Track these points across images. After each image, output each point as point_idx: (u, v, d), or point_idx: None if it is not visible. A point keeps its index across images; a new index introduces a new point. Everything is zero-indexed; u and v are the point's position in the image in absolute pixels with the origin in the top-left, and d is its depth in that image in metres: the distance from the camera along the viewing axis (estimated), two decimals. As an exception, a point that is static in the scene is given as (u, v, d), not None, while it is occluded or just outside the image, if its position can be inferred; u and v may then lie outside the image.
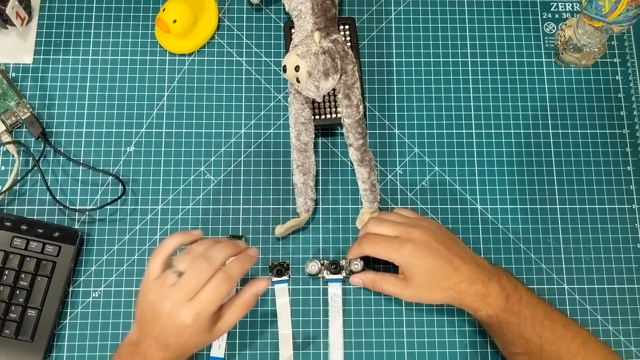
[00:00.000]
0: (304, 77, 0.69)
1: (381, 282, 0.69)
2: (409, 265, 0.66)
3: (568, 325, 0.66)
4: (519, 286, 0.67)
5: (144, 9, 0.83)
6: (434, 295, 0.66)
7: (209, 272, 0.60)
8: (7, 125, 0.76)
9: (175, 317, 0.59)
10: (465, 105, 0.80)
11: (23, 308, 0.71)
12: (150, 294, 0.60)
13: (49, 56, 0.80)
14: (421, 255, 0.65)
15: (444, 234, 0.68)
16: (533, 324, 0.64)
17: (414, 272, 0.66)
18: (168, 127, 0.79)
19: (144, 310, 0.61)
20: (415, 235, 0.66)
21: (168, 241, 0.63)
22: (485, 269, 0.66)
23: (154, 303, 0.60)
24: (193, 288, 0.59)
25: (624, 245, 0.76)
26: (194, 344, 0.62)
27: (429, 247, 0.65)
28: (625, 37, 0.83)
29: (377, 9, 0.83)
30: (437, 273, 0.65)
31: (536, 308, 0.65)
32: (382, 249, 0.67)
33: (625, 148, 0.80)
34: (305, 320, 0.73)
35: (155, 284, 0.61)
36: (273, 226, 0.75)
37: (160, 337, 0.60)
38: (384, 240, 0.67)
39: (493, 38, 0.83)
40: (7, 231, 0.72)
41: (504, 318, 0.65)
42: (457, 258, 0.66)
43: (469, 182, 0.78)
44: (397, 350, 0.72)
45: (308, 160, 0.74)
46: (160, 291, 0.60)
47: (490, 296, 0.65)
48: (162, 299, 0.59)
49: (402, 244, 0.66)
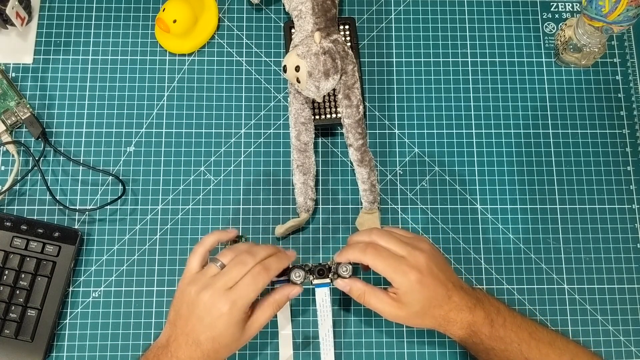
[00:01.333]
0: (304, 77, 0.69)
1: (370, 296, 0.65)
2: (411, 291, 0.63)
3: (554, 341, 0.65)
4: (502, 308, 0.66)
5: (144, 9, 0.83)
6: (423, 322, 0.65)
7: (251, 265, 0.62)
8: (7, 125, 0.76)
9: (212, 305, 0.60)
10: (465, 105, 0.80)
11: (23, 308, 0.71)
12: (190, 286, 0.62)
13: (49, 56, 0.80)
14: (425, 283, 0.62)
15: (440, 257, 0.66)
16: (519, 347, 0.64)
17: (412, 298, 0.63)
18: (168, 127, 0.79)
19: (180, 305, 0.62)
20: (422, 260, 0.63)
21: (207, 238, 0.66)
22: (471, 295, 0.65)
23: (192, 293, 0.61)
24: (234, 277, 0.61)
25: (624, 245, 0.76)
26: (225, 342, 0.61)
27: (432, 274, 0.63)
28: (625, 37, 0.83)
29: (377, 9, 0.83)
30: (433, 302, 0.63)
31: (521, 329, 0.65)
32: (388, 267, 0.63)
33: (625, 148, 0.80)
34: (305, 320, 0.73)
35: (196, 276, 0.63)
36: (273, 226, 0.75)
37: (192, 332, 0.60)
38: (391, 258, 0.63)
39: (493, 38, 0.83)
40: (7, 231, 0.72)
41: (490, 345, 0.64)
42: (451, 285, 0.64)
43: (469, 182, 0.78)
44: (397, 351, 0.72)
45: (308, 160, 0.74)
46: (201, 281, 0.62)
47: (476, 323, 0.64)
48: (202, 288, 0.61)
49: (410, 269, 0.62)
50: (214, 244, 0.66)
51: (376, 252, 0.64)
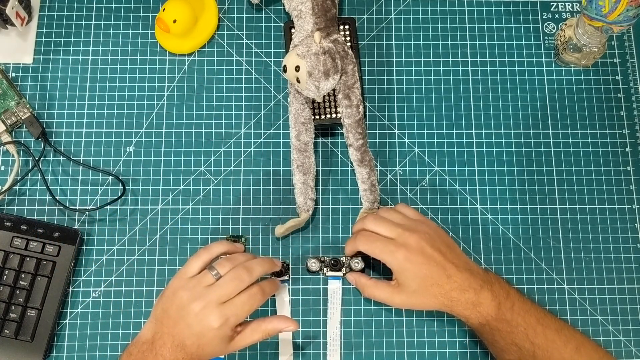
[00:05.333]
0: (304, 77, 0.69)
1: (373, 289, 0.68)
2: (402, 270, 0.65)
3: (561, 329, 0.66)
4: (512, 292, 0.66)
5: (144, 9, 0.83)
6: (425, 302, 0.66)
7: (247, 282, 0.63)
8: (7, 125, 0.76)
9: (203, 318, 0.60)
10: (465, 105, 0.80)
11: (23, 308, 0.71)
12: (183, 291, 0.62)
13: (49, 56, 0.80)
14: (414, 260, 0.64)
15: (441, 239, 0.67)
16: (525, 331, 0.64)
17: (406, 277, 0.65)
18: (168, 127, 0.79)
19: (169, 305, 0.62)
20: (411, 240, 0.65)
21: (215, 245, 0.67)
22: (479, 277, 0.65)
23: (184, 300, 0.61)
24: (228, 293, 0.61)
25: (624, 245, 0.76)
26: (209, 351, 0.62)
27: (423, 253, 0.65)
28: (625, 37, 0.83)
29: (377, 9, 0.83)
30: (429, 280, 0.64)
31: (528, 314, 0.65)
32: (377, 249, 0.66)
33: (625, 148, 0.80)
34: (305, 320, 0.73)
35: (190, 282, 0.62)
36: (273, 226, 0.75)
37: (179, 335, 0.60)
38: (379, 241, 0.66)
39: (493, 38, 0.83)
40: (7, 231, 0.72)
41: (495, 326, 0.64)
42: (450, 265, 0.65)
43: (469, 182, 0.78)
44: (397, 350, 0.72)
45: (308, 160, 0.74)
46: (194, 289, 0.61)
47: (482, 304, 0.64)
48: (194, 298, 0.61)
49: (397, 248, 0.65)
50: (220, 253, 0.67)
51: (365, 238, 0.67)
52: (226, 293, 0.61)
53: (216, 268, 0.63)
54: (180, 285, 0.63)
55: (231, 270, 0.63)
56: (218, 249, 0.66)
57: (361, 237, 0.68)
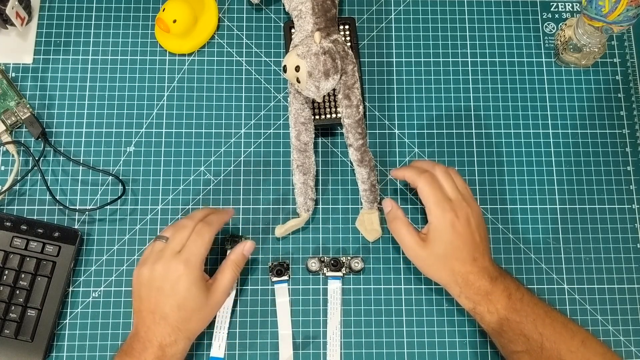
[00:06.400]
0: (304, 77, 0.69)
1: (401, 226, 0.68)
2: (442, 229, 0.65)
3: (567, 323, 0.66)
4: (521, 287, 0.67)
5: (144, 9, 0.83)
6: (440, 273, 0.67)
7: (191, 226, 0.65)
8: (7, 125, 0.76)
9: (167, 272, 0.62)
10: (465, 105, 0.80)
11: (23, 308, 0.71)
12: (143, 267, 0.64)
13: (49, 56, 0.80)
14: (457, 228, 0.65)
15: (483, 224, 0.68)
16: (534, 322, 0.64)
17: (440, 238, 0.65)
18: (168, 127, 0.79)
19: (139, 288, 0.64)
20: (464, 211, 0.66)
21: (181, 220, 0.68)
22: (495, 269, 0.67)
23: (147, 271, 0.63)
24: (179, 242, 0.64)
25: (624, 245, 0.76)
26: (191, 307, 0.63)
27: (468, 226, 0.66)
28: (625, 37, 0.83)
29: (377, 9, 0.83)
30: (458, 252, 0.65)
31: (537, 306, 0.66)
32: (433, 197, 0.66)
33: (625, 148, 0.80)
34: (305, 320, 0.73)
35: (145, 257, 0.65)
36: (273, 226, 0.75)
37: (157, 308, 0.61)
38: (440, 192, 0.66)
39: (493, 38, 0.83)
40: (7, 231, 0.72)
41: (504, 315, 0.65)
42: (480, 250, 0.66)
43: (469, 182, 0.77)
44: (397, 350, 0.72)
45: (308, 160, 0.74)
46: (151, 258, 0.64)
47: (493, 294, 0.65)
48: (153, 264, 0.63)
49: (450, 209, 0.66)
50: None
51: (430, 179, 0.67)
52: (177, 243, 0.64)
53: (162, 235, 0.65)
54: (140, 264, 0.65)
55: (174, 227, 0.66)
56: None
57: (428, 177, 0.67)
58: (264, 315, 0.73)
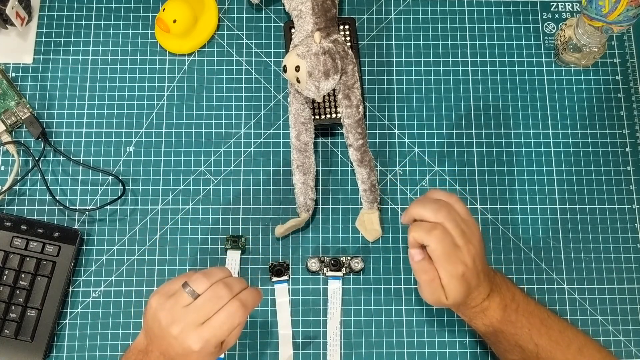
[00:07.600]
0: (304, 77, 0.69)
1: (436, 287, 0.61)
2: (455, 283, 0.61)
3: (565, 330, 0.65)
4: (517, 294, 0.65)
5: (144, 9, 0.83)
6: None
7: (226, 299, 0.57)
8: (7, 125, 0.76)
9: (182, 341, 0.57)
10: (465, 105, 0.80)
11: (23, 308, 0.71)
12: (160, 312, 0.58)
13: (49, 56, 0.80)
14: (467, 277, 0.61)
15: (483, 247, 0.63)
16: (530, 332, 0.64)
17: (454, 289, 0.61)
18: (168, 127, 0.79)
19: (152, 324, 0.59)
20: (471, 254, 0.61)
21: (216, 271, 0.60)
22: (491, 280, 0.64)
23: (163, 322, 0.57)
24: (206, 313, 0.57)
25: (624, 245, 0.76)
26: None
27: (475, 269, 0.61)
28: (625, 37, 0.83)
29: (377, 9, 0.83)
30: (467, 292, 0.62)
31: (532, 316, 0.65)
32: (446, 256, 0.60)
33: (625, 148, 0.80)
34: (305, 320, 0.73)
35: (168, 302, 0.58)
36: (273, 226, 0.75)
37: (167, 352, 0.58)
38: (451, 248, 0.60)
39: (493, 38, 0.83)
40: (7, 231, 0.72)
41: (499, 328, 0.64)
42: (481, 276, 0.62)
43: (469, 182, 0.78)
44: (397, 350, 0.72)
45: (308, 160, 0.74)
46: (171, 311, 0.57)
47: (490, 308, 0.64)
48: (172, 320, 0.57)
49: (461, 262, 0.60)
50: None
51: (442, 236, 0.60)
52: (204, 314, 0.57)
53: (191, 286, 0.58)
54: (158, 305, 0.58)
55: (209, 289, 0.58)
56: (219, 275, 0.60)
57: (440, 234, 0.60)
58: (264, 315, 0.73)
